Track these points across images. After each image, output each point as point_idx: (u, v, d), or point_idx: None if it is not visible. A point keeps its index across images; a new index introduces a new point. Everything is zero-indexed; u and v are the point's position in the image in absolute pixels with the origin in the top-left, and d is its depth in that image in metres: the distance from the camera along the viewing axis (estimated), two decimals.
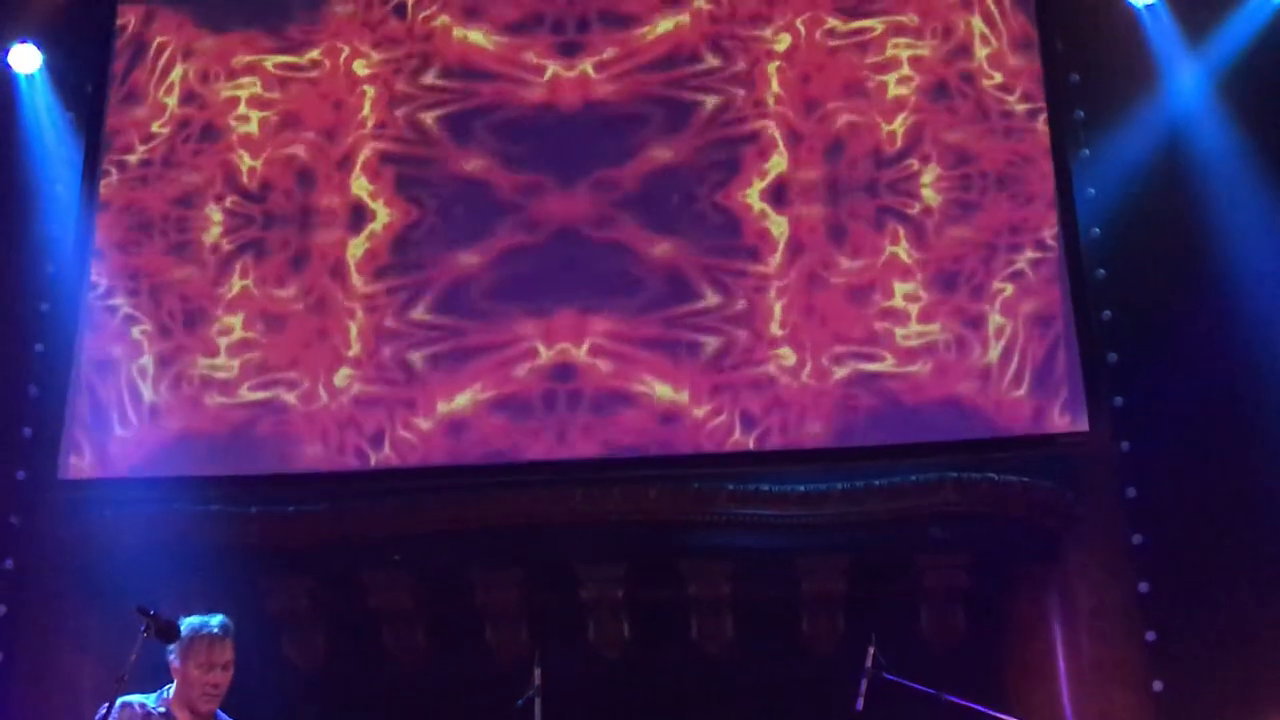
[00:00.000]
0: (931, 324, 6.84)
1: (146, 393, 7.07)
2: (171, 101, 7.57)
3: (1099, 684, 6.45)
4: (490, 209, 7.23)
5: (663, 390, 6.89)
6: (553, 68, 7.42)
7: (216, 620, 4.93)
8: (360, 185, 7.34)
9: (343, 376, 7.04)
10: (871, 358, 6.82)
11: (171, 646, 4.83)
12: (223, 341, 7.15)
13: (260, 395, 7.04)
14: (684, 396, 6.87)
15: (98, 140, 7.54)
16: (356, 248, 7.24)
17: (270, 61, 7.59)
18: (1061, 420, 6.62)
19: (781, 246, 7.05)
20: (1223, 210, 6.74)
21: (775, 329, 6.92)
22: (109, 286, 7.28)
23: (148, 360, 7.13)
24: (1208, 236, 6.72)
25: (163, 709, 4.86)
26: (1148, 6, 7.09)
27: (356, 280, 7.19)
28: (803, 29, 7.37)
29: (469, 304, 7.10)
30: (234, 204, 7.40)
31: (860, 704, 5.52)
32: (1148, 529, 6.54)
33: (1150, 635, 6.41)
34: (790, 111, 7.24)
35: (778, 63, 7.32)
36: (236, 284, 7.24)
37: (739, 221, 7.10)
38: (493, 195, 7.26)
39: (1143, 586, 6.47)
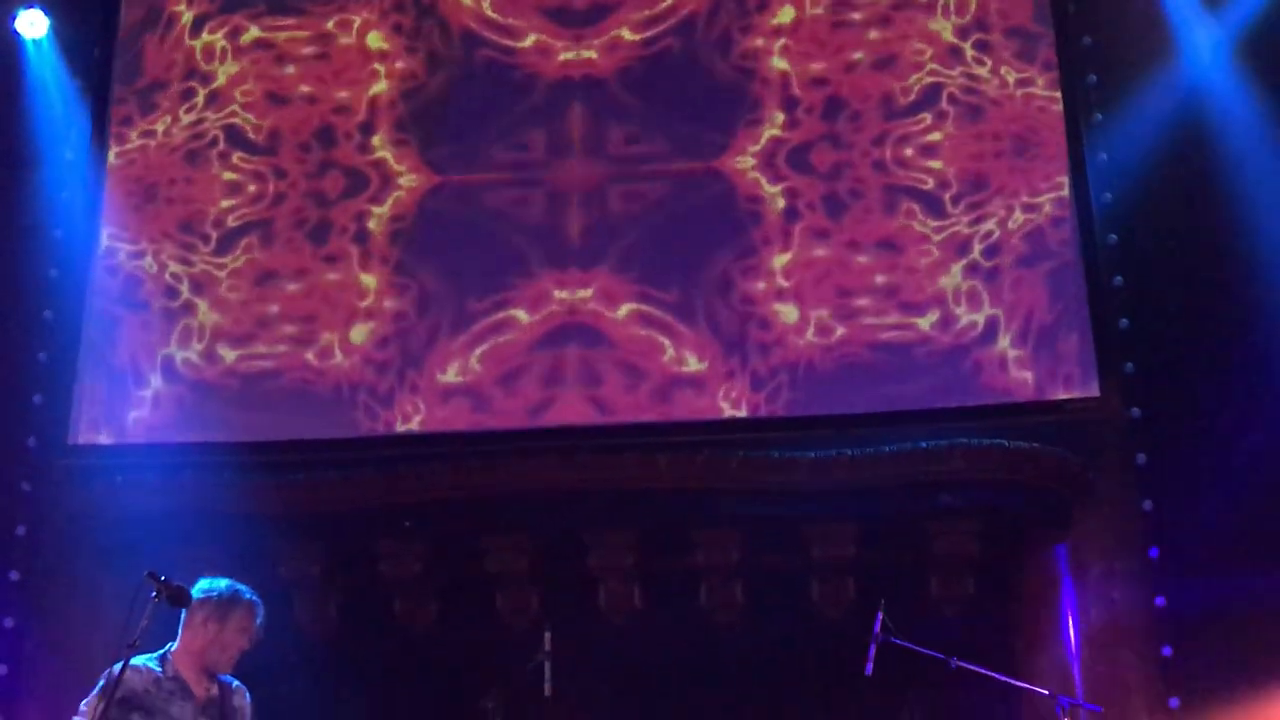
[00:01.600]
0: (941, 288, 6.82)
1: (157, 359, 7.07)
2: (180, 69, 7.54)
3: (1108, 650, 6.45)
4: (506, 174, 7.23)
5: (672, 356, 6.87)
6: (561, 39, 7.40)
7: (246, 587, 5.01)
8: (381, 151, 7.32)
9: (355, 339, 7.03)
10: (880, 322, 6.80)
11: (203, 607, 4.88)
12: (232, 298, 7.15)
13: (274, 354, 7.03)
14: (693, 363, 6.85)
15: (105, 106, 7.52)
16: (379, 217, 7.22)
17: (283, 35, 7.56)
18: (1072, 386, 6.60)
19: (781, 207, 7.03)
20: (1238, 175, 6.70)
21: (780, 281, 6.91)
22: (118, 252, 7.27)
23: (157, 326, 7.13)
24: (1222, 201, 6.69)
25: (171, 673, 4.89)
26: None
27: (377, 244, 7.18)
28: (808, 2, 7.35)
29: (483, 268, 7.08)
30: (241, 160, 7.38)
31: (870, 669, 5.53)
32: (1158, 495, 6.53)
33: (1160, 601, 6.40)
34: (795, 79, 7.21)
35: (783, 40, 7.29)
36: (242, 256, 7.23)
37: (735, 188, 7.09)
38: (509, 163, 7.26)
39: (1153, 552, 6.46)
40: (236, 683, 5.06)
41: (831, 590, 6.89)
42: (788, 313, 6.89)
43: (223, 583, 4.99)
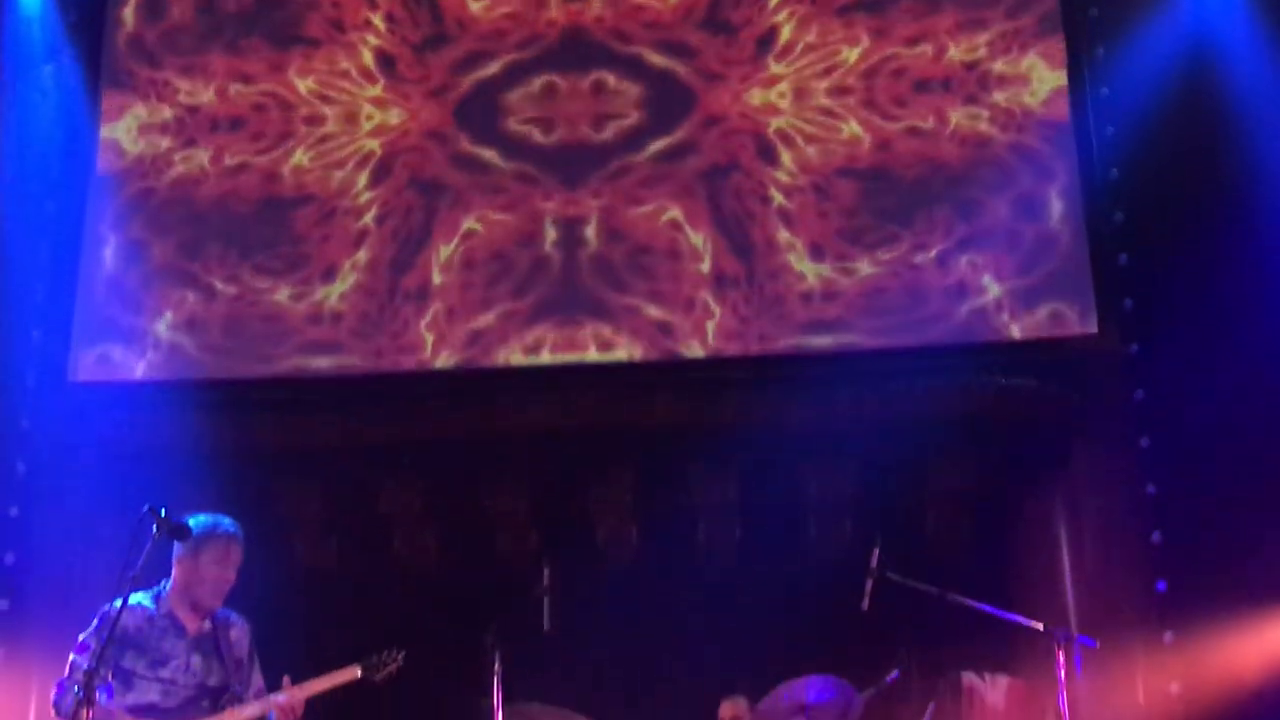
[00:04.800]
0: (941, 224, 6.77)
1: (154, 296, 7.00)
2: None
3: (1104, 585, 6.48)
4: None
5: (671, 288, 6.83)
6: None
7: (229, 521, 5.04)
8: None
9: (352, 277, 6.99)
10: (883, 257, 6.76)
11: (183, 543, 4.90)
12: (234, 232, 7.08)
13: (272, 292, 6.99)
14: (692, 295, 6.82)
15: (97, 71, 7.38)
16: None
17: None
18: (1071, 323, 6.59)
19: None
20: (1241, 109, 6.64)
21: (782, 232, 6.88)
22: (116, 185, 7.18)
23: (157, 260, 7.05)
24: (1224, 136, 6.63)
25: (164, 610, 4.94)
26: None
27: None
28: None
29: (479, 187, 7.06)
30: (237, 91, 7.31)
31: (866, 604, 5.56)
32: (1155, 432, 6.52)
33: (1156, 536, 6.41)
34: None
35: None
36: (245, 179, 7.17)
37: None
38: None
39: (1150, 488, 6.47)
40: (234, 615, 5.10)
41: (829, 528, 6.91)
42: (793, 253, 6.84)
43: (204, 517, 5.01)
